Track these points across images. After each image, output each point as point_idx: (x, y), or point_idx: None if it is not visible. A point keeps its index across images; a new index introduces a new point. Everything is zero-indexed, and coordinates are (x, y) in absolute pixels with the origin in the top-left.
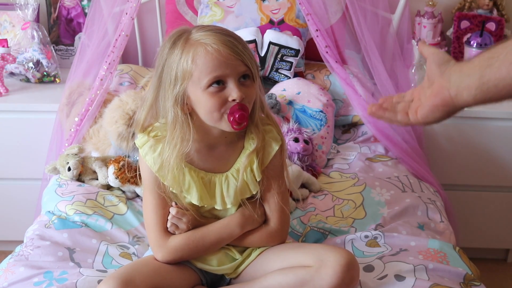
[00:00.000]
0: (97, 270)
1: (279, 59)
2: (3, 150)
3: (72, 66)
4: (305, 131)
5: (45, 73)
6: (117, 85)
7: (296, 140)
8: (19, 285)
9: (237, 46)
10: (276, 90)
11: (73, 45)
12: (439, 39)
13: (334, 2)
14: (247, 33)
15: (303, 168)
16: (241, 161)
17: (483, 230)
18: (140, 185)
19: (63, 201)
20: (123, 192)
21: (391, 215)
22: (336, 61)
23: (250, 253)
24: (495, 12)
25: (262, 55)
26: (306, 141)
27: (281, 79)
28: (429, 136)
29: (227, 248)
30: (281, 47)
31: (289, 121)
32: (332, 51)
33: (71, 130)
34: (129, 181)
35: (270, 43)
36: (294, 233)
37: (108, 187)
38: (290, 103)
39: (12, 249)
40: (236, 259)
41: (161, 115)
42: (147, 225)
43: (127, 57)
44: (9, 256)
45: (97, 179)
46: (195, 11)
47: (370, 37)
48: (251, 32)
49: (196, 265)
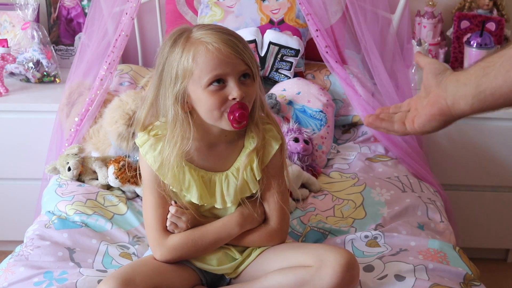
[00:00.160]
0: (97, 270)
1: (279, 59)
2: (3, 150)
3: (72, 66)
4: (305, 131)
5: (45, 73)
6: (117, 85)
7: (296, 140)
8: (19, 285)
9: (238, 45)
10: (276, 90)
11: (73, 45)
12: (439, 39)
13: (334, 2)
14: (247, 33)
15: (303, 168)
16: (241, 160)
17: (483, 230)
18: (140, 185)
19: (63, 201)
20: (123, 192)
21: (391, 215)
22: (336, 61)
23: (250, 253)
24: (495, 12)
25: (262, 55)
26: (306, 141)
27: (281, 79)
28: (429, 136)
29: (227, 248)
30: (281, 47)
31: (289, 121)
32: (332, 51)
33: (71, 130)
34: (129, 181)
35: (270, 43)
36: (294, 233)
37: (108, 187)
38: (290, 103)
39: (12, 249)
40: (236, 259)
41: (162, 114)
42: (147, 224)
43: (127, 57)
44: (9, 256)
45: (97, 179)
46: (195, 11)
47: (370, 37)
48: (251, 32)
49: (196, 264)
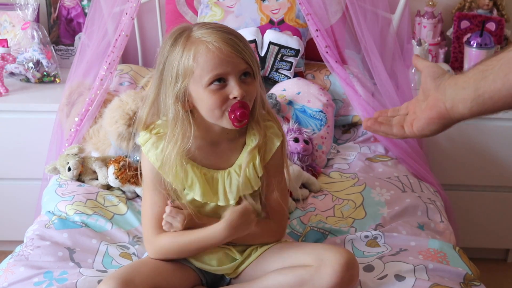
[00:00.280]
0: (97, 270)
1: (279, 59)
2: (3, 150)
3: (72, 66)
4: (305, 131)
5: (45, 73)
6: (117, 85)
7: (296, 140)
8: (19, 285)
9: (238, 44)
10: (276, 90)
11: (73, 45)
12: (439, 39)
13: (334, 2)
14: (247, 33)
15: (303, 168)
16: (243, 157)
17: (483, 230)
18: (140, 185)
19: (63, 201)
20: (123, 192)
21: (391, 215)
22: (336, 61)
23: (250, 253)
24: (495, 12)
25: (262, 55)
26: (306, 141)
27: (281, 79)
28: None
29: (227, 248)
30: (281, 47)
31: (289, 121)
32: (332, 51)
33: (71, 130)
34: (129, 181)
35: (270, 43)
36: (294, 233)
37: (108, 187)
38: (290, 103)
39: (12, 249)
40: (236, 259)
41: (162, 113)
42: (143, 221)
43: (127, 57)
44: (9, 256)
45: (97, 179)
46: (195, 11)
47: (370, 37)
48: (251, 32)
49: (196, 265)
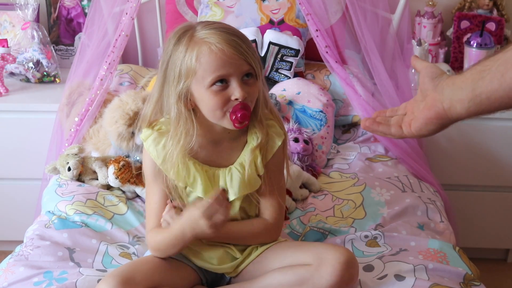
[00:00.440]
0: (97, 269)
1: (279, 59)
2: (3, 150)
3: (72, 66)
4: (305, 131)
5: (45, 73)
6: (117, 85)
7: (296, 140)
8: (19, 285)
9: (241, 45)
10: (276, 90)
11: (73, 45)
12: (439, 39)
13: (334, 2)
14: (247, 33)
15: (303, 168)
16: (245, 155)
17: (483, 230)
18: (140, 185)
19: (63, 201)
20: (123, 192)
21: (391, 215)
22: (336, 61)
23: (250, 252)
24: (495, 12)
25: (262, 55)
26: (306, 141)
27: (281, 79)
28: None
29: (228, 247)
30: (281, 47)
31: (289, 121)
32: (332, 51)
33: (71, 130)
34: (129, 181)
35: (270, 43)
36: (294, 233)
37: (108, 187)
38: (290, 103)
39: (12, 249)
40: (236, 258)
41: (165, 111)
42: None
43: (127, 57)
44: (9, 256)
45: (97, 179)
46: (195, 11)
47: (370, 37)
48: (251, 32)
49: (196, 263)
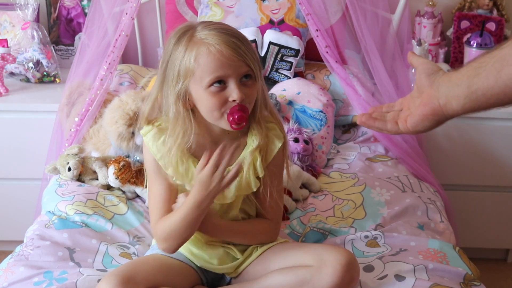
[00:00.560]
0: (97, 269)
1: (279, 59)
2: (3, 150)
3: (72, 66)
4: (305, 131)
5: (45, 73)
6: (117, 85)
7: (296, 140)
8: (19, 285)
9: (240, 47)
10: (276, 90)
11: (73, 45)
12: (439, 39)
13: (334, 2)
14: (247, 33)
15: (303, 168)
16: (244, 157)
17: (483, 230)
18: (140, 185)
19: (63, 201)
20: (123, 192)
21: (391, 215)
22: (336, 61)
23: (251, 253)
24: (495, 12)
25: (262, 55)
26: (306, 141)
27: (281, 79)
28: (429, 136)
29: (228, 247)
30: (281, 47)
31: (289, 121)
32: (332, 51)
33: (71, 130)
34: (129, 181)
35: (270, 43)
36: (294, 233)
37: (108, 187)
38: (290, 103)
39: (12, 249)
40: (237, 258)
41: (164, 110)
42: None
43: (127, 57)
44: (9, 256)
45: (97, 179)
46: (195, 11)
47: (370, 37)
48: (251, 32)
49: (197, 263)
